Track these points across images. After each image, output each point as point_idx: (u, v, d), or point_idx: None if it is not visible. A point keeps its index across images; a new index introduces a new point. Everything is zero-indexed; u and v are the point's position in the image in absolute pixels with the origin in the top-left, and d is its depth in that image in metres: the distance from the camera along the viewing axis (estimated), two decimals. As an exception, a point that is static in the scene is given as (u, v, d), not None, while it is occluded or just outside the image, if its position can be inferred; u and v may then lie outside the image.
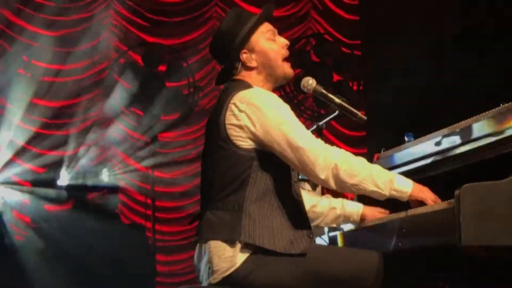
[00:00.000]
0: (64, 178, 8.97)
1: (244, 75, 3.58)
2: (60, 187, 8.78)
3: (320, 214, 3.90)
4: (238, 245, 3.33)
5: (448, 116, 4.26)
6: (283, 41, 3.61)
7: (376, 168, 3.44)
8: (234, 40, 3.53)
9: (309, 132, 3.45)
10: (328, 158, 3.36)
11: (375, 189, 3.39)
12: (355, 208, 3.91)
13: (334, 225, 3.99)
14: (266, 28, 3.60)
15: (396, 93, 9.44)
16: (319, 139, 3.44)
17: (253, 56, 3.55)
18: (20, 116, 9.54)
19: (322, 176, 3.36)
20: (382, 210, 3.90)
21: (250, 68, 3.56)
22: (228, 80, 3.62)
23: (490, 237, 3.01)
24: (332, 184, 3.38)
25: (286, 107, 3.45)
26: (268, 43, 3.58)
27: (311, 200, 3.85)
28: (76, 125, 9.87)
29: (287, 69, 3.61)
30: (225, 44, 3.55)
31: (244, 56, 3.55)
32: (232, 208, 3.37)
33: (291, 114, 3.44)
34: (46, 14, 9.83)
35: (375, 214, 3.88)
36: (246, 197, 3.37)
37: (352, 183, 3.38)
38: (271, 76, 3.59)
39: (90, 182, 8.98)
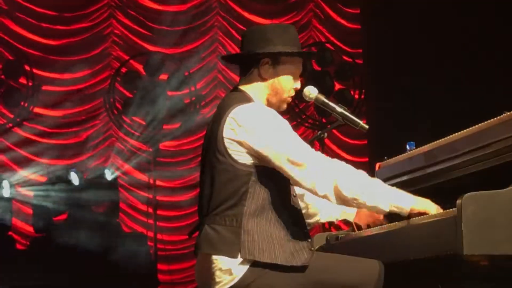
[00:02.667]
0: (74, 179, 8.88)
1: (249, 81, 3.53)
2: (60, 197, 8.75)
3: (319, 209, 3.91)
4: (239, 258, 3.33)
5: (450, 124, 4.25)
6: (298, 85, 3.58)
7: (376, 183, 3.44)
8: (272, 45, 3.48)
9: (308, 146, 3.42)
10: (327, 173, 3.35)
11: (375, 204, 3.39)
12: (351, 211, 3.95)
13: (332, 220, 3.99)
14: (298, 66, 3.57)
15: (397, 102, 9.44)
16: (318, 152, 3.43)
17: (271, 71, 3.51)
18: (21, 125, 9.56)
19: (322, 192, 3.37)
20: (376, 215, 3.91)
21: (261, 78, 3.52)
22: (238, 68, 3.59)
23: (492, 246, 3.00)
24: (332, 199, 3.38)
25: (285, 123, 3.43)
26: (290, 77, 3.54)
27: (310, 197, 3.83)
28: (77, 135, 9.88)
29: (284, 105, 3.58)
30: (263, 40, 3.48)
31: (265, 65, 3.50)
32: (230, 223, 3.35)
33: (290, 129, 3.42)
34: (47, 23, 9.85)
35: (367, 219, 3.91)
36: (245, 212, 3.35)
37: (351, 198, 3.37)
38: (271, 98, 3.53)
39: (93, 188, 8.92)
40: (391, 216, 3.64)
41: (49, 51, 9.90)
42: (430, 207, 3.41)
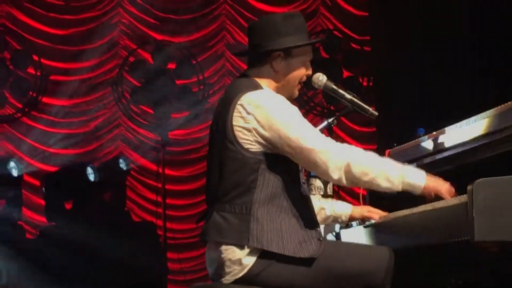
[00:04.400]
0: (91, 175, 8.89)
1: (260, 73, 3.51)
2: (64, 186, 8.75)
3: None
4: (248, 249, 3.33)
5: (460, 110, 4.23)
6: (309, 72, 3.58)
7: (388, 163, 3.43)
8: (283, 37, 3.46)
9: (319, 132, 3.42)
10: (340, 157, 3.34)
11: (388, 185, 3.38)
12: (344, 210, 3.92)
13: (324, 225, 3.98)
14: (309, 54, 3.56)
15: (406, 89, 9.41)
16: (329, 138, 3.42)
17: (283, 64, 3.49)
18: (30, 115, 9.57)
19: (335, 177, 3.35)
20: (372, 209, 3.89)
21: (273, 71, 3.50)
22: (245, 69, 3.58)
23: (503, 233, 2.98)
24: (345, 183, 3.37)
25: (294, 109, 3.42)
26: (302, 67, 3.53)
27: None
28: (86, 124, 9.88)
29: (296, 91, 3.58)
30: (272, 32, 3.47)
31: (277, 58, 3.48)
32: (239, 211, 3.35)
33: (300, 115, 3.41)
34: (55, 13, 9.84)
35: (363, 214, 3.89)
36: (254, 200, 3.34)
37: (365, 181, 3.37)
38: (283, 88, 3.52)
39: (106, 179, 8.93)
40: (398, 203, 3.63)
41: (57, 41, 9.90)
42: (441, 185, 3.40)
